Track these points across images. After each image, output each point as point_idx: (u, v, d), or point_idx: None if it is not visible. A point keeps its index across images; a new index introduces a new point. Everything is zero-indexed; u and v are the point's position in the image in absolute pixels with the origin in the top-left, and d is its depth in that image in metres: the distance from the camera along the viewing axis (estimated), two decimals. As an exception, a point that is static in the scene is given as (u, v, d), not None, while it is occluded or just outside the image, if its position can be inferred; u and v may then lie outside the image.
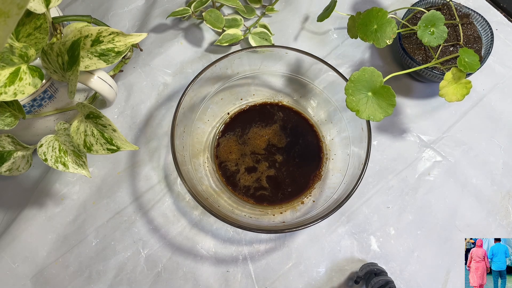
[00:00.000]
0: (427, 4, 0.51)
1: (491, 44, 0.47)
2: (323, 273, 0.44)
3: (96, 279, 0.43)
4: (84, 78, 0.37)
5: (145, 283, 0.43)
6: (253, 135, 0.48)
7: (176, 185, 0.47)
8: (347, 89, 0.38)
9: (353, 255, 0.44)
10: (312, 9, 0.56)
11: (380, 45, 0.41)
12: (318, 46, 0.54)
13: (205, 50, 0.54)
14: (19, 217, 0.45)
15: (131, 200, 0.46)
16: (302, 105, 0.49)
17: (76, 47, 0.32)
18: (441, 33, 0.42)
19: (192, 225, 0.45)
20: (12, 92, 0.31)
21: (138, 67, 0.52)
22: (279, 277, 0.43)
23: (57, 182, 0.47)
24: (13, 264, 0.44)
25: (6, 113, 0.34)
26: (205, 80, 0.43)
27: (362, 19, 0.42)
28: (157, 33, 0.54)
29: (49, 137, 0.37)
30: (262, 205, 0.45)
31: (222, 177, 0.46)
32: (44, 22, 0.34)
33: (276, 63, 0.46)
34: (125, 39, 0.36)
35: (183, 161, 0.40)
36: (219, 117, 0.49)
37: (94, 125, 0.35)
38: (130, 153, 0.48)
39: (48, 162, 0.36)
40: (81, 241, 0.45)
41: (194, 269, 0.44)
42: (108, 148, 0.35)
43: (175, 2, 0.56)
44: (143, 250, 0.44)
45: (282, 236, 0.45)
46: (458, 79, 0.40)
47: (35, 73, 0.33)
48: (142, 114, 0.50)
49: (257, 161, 0.46)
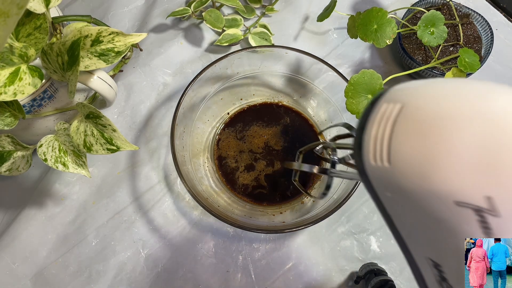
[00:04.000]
0: (427, 4, 0.51)
1: (491, 44, 0.47)
2: (323, 273, 0.44)
3: (96, 279, 0.43)
4: (84, 78, 0.37)
5: (145, 283, 0.43)
6: (253, 135, 0.48)
7: (176, 185, 0.47)
8: (347, 92, 0.38)
9: (353, 255, 0.44)
10: (312, 9, 0.56)
11: (380, 45, 0.41)
12: (318, 46, 0.54)
13: (205, 50, 0.54)
14: (19, 217, 0.45)
15: (131, 200, 0.46)
16: (302, 105, 0.49)
17: (76, 47, 0.32)
18: (441, 33, 0.42)
19: (192, 225, 0.45)
20: (12, 92, 0.31)
21: (138, 67, 0.52)
22: (279, 277, 0.43)
23: (57, 182, 0.47)
24: (13, 264, 0.44)
25: (6, 113, 0.34)
26: (205, 80, 0.43)
27: (362, 19, 0.42)
28: (157, 33, 0.54)
29: (49, 137, 0.37)
30: (262, 205, 0.45)
31: (222, 177, 0.46)
32: (44, 22, 0.34)
33: (276, 63, 0.46)
34: (125, 39, 0.36)
35: (183, 161, 0.40)
36: (219, 117, 0.49)
37: (94, 125, 0.35)
38: (130, 153, 0.48)
39: (48, 162, 0.36)
40: (81, 241, 0.45)
41: (194, 269, 0.44)
42: (108, 148, 0.35)
43: (175, 2, 0.56)
44: (143, 250, 0.44)
45: (282, 236, 0.45)
46: (458, 79, 0.40)
47: (35, 73, 0.33)
48: (142, 114, 0.50)
49: (255, 159, 0.46)
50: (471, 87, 0.17)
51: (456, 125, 0.16)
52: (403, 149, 0.18)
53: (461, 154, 0.15)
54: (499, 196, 0.15)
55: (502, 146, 0.15)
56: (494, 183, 0.15)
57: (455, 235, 0.17)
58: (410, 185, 0.18)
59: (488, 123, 0.15)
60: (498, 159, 0.15)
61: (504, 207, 0.15)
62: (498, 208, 0.15)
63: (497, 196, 0.15)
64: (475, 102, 0.16)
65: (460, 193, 0.16)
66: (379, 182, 0.20)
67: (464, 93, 0.17)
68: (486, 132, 0.15)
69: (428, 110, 0.17)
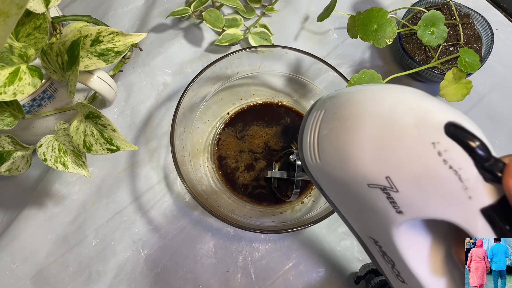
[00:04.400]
0: (427, 4, 0.51)
1: (491, 44, 0.47)
2: (323, 273, 0.44)
3: (96, 279, 0.43)
4: (83, 78, 0.37)
5: (145, 283, 0.43)
6: (253, 135, 0.48)
7: (176, 185, 0.47)
8: (347, 91, 0.38)
9: (353, 255, 0.44)
10: (312, 8, 0.56)
11: (380, 45, 0.41)
12: (318, 46, 0.54)
13: (205, 50, 0.54)
14: (18, 217, 0.45)
15: (131, 200, 0.46)
16: (302, 105, 0.49)
17: (75, 47, 0.32)
18: (441, 33, 0.42)
19: (192, 225, 0.45)
20: (12, 92, 0.31)
21: (137, 67, 0.52)
22: (279, 277, 0.43)
23: (57, 182, 0.47)
24: (13, 264, 0.44)
25: (6, 113, 0.34)
26: (205, 80, 0.43)
27: (362, 19, 0.42)
28: (156, 33, 0.54)
29: (48, 137, 0.37)
30: (262, 205, 0.45)
31: (222, 177, 0.46)
32: (44, 22, 0.34)
33: (276, 63, 0.46)
34: (125, 39, 0.36)
35: (183, 161, 0.40)
36: (219, 117, 0.49)
37: (94, 125, 0.35)
38: (130, 153, 0.48)
39: (48, 162, 0.36)
40: (81, 241, 0.45)
41: (194, 269, 0.44)
42: (107, 148, 0.35)
43: (175, 2, 0.56)
44: (143, 250, 0.44)
45: (282, 236, 0.45)
46: (458, 79, 0.40)
47: (34, 73, 0.33)
48: (141, 114, 0.50)
49: (256, 159, 0.46)
50: (369, 92, 0.21)
51: (358, 124, 0.20)
52: (326, 148, 0.22)
53: (365, 146, 0.19)
54: (394, 175, 0.19)
55: (391, 136, 0.19)
56: (389, 165, 0.19)
57: (376, 212, 0.20)
58: (336, 175, 0.21)
59: (380, 120, 0.19)
60: (390, 147, 0.19)
61: (399, 184, 0.19)
62: (396, 185, 0.19)
63: (393, 175, 0.19)
64: (370, 104, 0.20)
65: (369, 177, 0.19)
66: (318, 176, 0.24)
67: (363, 97, 0.21)
68: (380, 127, 0.19)
69: (339, 113, 0.22)
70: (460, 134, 0.17)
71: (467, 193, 0.17)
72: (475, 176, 0.17)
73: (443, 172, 0.17)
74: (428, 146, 0.18)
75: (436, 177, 0.18)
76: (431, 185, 0.18)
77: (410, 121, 0.18)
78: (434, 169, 0.18)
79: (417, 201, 0.18)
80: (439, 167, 0.17)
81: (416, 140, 0.18)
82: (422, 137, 0.18)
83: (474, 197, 0.17)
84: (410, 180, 0.18)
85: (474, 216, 0.18)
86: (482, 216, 0.17)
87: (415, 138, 0.18)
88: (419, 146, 0.18)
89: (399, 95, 0.20)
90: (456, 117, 0.18)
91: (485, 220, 0.18)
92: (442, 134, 0.17)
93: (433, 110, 0.18)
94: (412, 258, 0.21)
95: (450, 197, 0.18)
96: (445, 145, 0.17)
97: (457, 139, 0.17)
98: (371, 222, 0.22)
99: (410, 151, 0.18)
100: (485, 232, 0.18)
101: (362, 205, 0.21)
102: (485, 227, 0.18)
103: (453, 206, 0.18)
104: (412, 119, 0.18)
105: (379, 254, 0.23)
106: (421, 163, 0.18)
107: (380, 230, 0.21)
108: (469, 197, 0.17)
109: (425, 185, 0.18)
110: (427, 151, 0.18)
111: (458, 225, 0.18)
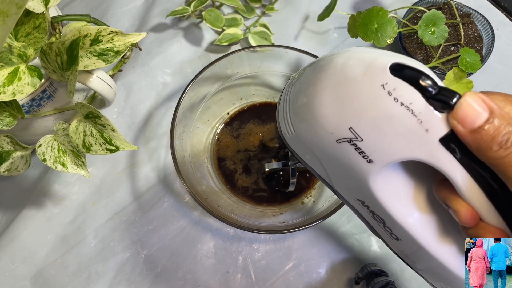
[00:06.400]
0: (428, 3, 0.51)
1: (492, 44, 0.47)
2: (324, 274, 0.43)
3: (95, 279, 0.43)
4: (83, 78, 0.37)
5: (144, 283, 0.43)
6: (253, 135, 0.47)
7: (175, 185, 0.47)
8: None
9: (354, 255, 0.44)
10: (312, 8, 0.56)
11: (380, 45, 0.41)
12: (319, 46, 0.54)
13: (204, 50, 0.54)
14: (18, 218, 0.45)
15: (131, 200, 0.46)
16: (302, 105, 0.49)
17: (75, 47, 0.32)
18: (442, 33, 0.42)
19: (192, 225, 0.45)
20: (11, 92, 0.31)
21: (137, 67, 0.52)
22: (279, 278, 0.43)
23: (56, 182, 0.47)
24: (12, 264, 0.44)
25: (5, 113, 0.34)
26: (204, 79, 0.43)
27: (363, 19, 0.42)
28: (156, 33, 0.54)
29: (48, 137, 0.37)
30: (262, 205, 0.45)
31: (222, 177, 0.46)
32: (43, 21, 0.34)
33: (276, 62, 0.46)
34: (124, 39, 0.36)
35: (182, 161, 0.40)
36: (219, 117, 0.49)
37: (93, 125, 0.35)
38: (130, 153, 0.48)
39: (47, 162, 0.36)
40: (80, 241, 0.44)
41: (194, 269, 0.44)
42: (107, 148, 0.35)
43: (175, 1, 0.56)
44: (143, 250, 0.44)
45: (282, 237, 0.45)
46: (459, 78, 0.40)
47: (34, 72, 0.33)
48: (141, 114, 0.50)
49: (255, 159, 0.46)
50: (326, 58, 0.22)
51: (318, 87, 0.21)
52: (297, 118, 0.24)
53: (327, 105, 0.21)
54: (355, 124, 0.20)
55: (347, 89, 0.20)
56: (349, 116, 0.20)
57: (352, 168, 0.21)
58: (310, 142, 0.23)
59: (335, 77, 0.21)
60: (347, 99, 0.20)
61: (361, 131, 0.20)
62: (359, 134, 0.20)
63: (354, 124, 0.20)
64: (326, 67, 0.22)
65: (336, 133, 0.21)
66: (297, 149, 0.25)
67: (321, 63, 0.22)
68: (336, 84, 0.21)
69: (303, 83, 0.23)
70: (404, 71, 0.19)
71: (423, 126, 0.18)
72: (426, 107, 0.18)
73: (396, 110, 0.18)
74: (378, 89, 0.19)
75: (391, 116, 0.19)
76: (389, 126, 0.19)
77: (359, 71, 0.20)
78: (388, 109, 0.19)
79: (381, 145, 0.19)
80: (391, 106, 0.18)
81: (368, 86, 0.19)
82: (372, 82, 0.19)
83: (431, 129, 0.18)
84: (370, 125, 0.19)
85: (436, 148, 0.18)
86: (443, 146, 0.18)
87: (366, 84, 0.19)
88: (370, 91, 0.19)
89: (349, 53, 0.21)
90: (399, 58, 0.19)
91: (446, 150, 0.18)
92: (388, 74, 0.19)
93: (378, 56, 0.20)
94: (395, 208, 0.22)
95: (409, 134, 0.18)
96: (393, 84, 0.18)
97: (402, 76, 0.18)
98: (352, 182, 0.22)
99: (364, 98, 0.19)
100: (448, 162, 0.18)
101: (340, 165, 0.22)
102: (447, 157, 0.18)
103: (414, 143, 0.19)
104: (360, 69, 0.20)
105: (369, 216, 0.24)
106: (375, 106, 0.19)
107: (362, 187, 0.22)
108: (425, 130, 0.18)
109: (384, 126, 0.19)
110: (378, 93, 0.19)
111: (425, 161, 0.19)
